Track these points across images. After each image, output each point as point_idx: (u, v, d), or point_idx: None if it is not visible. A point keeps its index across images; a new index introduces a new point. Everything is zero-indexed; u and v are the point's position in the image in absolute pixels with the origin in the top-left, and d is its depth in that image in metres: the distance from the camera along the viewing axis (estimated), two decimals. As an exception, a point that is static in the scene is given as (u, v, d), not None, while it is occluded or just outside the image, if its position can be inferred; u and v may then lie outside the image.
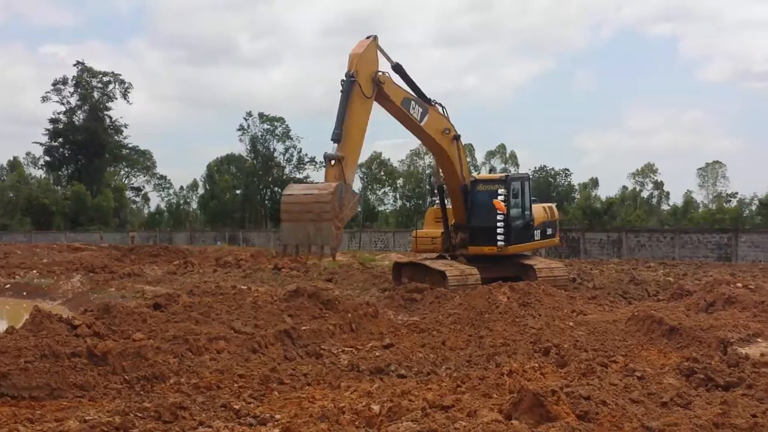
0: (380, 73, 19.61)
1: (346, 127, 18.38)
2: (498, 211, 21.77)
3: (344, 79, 18.77)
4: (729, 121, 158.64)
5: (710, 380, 8.59)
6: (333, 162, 18.05)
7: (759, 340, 11.39)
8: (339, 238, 18.47)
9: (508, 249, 22.03)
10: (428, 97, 21.11)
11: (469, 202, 22.46)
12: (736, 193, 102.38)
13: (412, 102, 20.51)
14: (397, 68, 20.57)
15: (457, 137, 21.77)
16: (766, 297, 15.56)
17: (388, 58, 20.38)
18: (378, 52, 19.94)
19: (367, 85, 19.07)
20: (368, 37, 19.70)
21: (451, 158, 21.69)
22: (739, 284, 17.44)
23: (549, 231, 24.33)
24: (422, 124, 20.62)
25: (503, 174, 23.93)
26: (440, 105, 21.55)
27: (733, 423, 6.42)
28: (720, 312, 14.92)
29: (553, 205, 25.95)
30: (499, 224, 21.81)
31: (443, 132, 21.38)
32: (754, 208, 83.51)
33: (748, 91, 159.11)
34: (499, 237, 21.81)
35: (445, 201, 23.80)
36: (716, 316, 14.46)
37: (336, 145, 18.26)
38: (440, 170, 22.78)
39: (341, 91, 18.72)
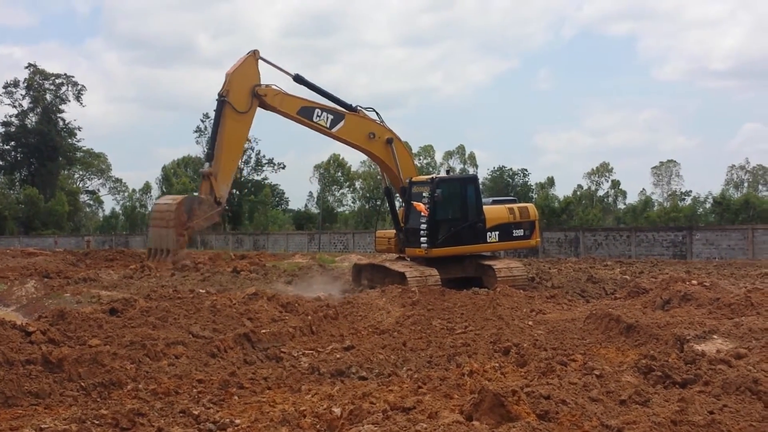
0: (260, 86, 20.40)
1: (219, 145, 20.21)
2: (420, 214, 21.56)
3: (217, 98, 20.13)
4: (684, 120, 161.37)
5: (667, 377, 8.68)
6: (204, 178, 20.82)
7: (715, 336, 11.52)
8: (180, 245, 22.00)
9: (433, 251, 21.66)
10: (348, 103, 21.29)
11: (406, 203, 22.48)
12: (690, 191, 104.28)
13: (317, 110, 20.88)
14: (298, 78, 21.13)
15: (389, 141, 21.71)
16: (720, 294, 15.77)
17: (282, 70, 21.11)
18: (258, 65, 20.77)
19: (243, 100, 20.09)
20: (248, 53, 20.49)
21: (386, 162, 21.65)
22: (695, 281, 17.62)
23: (518, 232, 23.50)
24: (333, 130, 20.95)
25: (432, 175, 23.35)
26: (371, 110, 21.60)
27: (691, 420, 6.48)
28: (676, 309, 15.11)
29: (529, 205, 24.96)
30: (422, 226, 21.58)
31: (368, 137, 21.29)
32: (708, 206, 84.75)
33: (703, 90, 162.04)
34: (422, 239, 21.57)
35: (395, 203, 23.74)
36: (672, 313, 14.64)
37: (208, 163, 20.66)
38: (384, 173, 22.72)
39: (215, 111, 20.32)
